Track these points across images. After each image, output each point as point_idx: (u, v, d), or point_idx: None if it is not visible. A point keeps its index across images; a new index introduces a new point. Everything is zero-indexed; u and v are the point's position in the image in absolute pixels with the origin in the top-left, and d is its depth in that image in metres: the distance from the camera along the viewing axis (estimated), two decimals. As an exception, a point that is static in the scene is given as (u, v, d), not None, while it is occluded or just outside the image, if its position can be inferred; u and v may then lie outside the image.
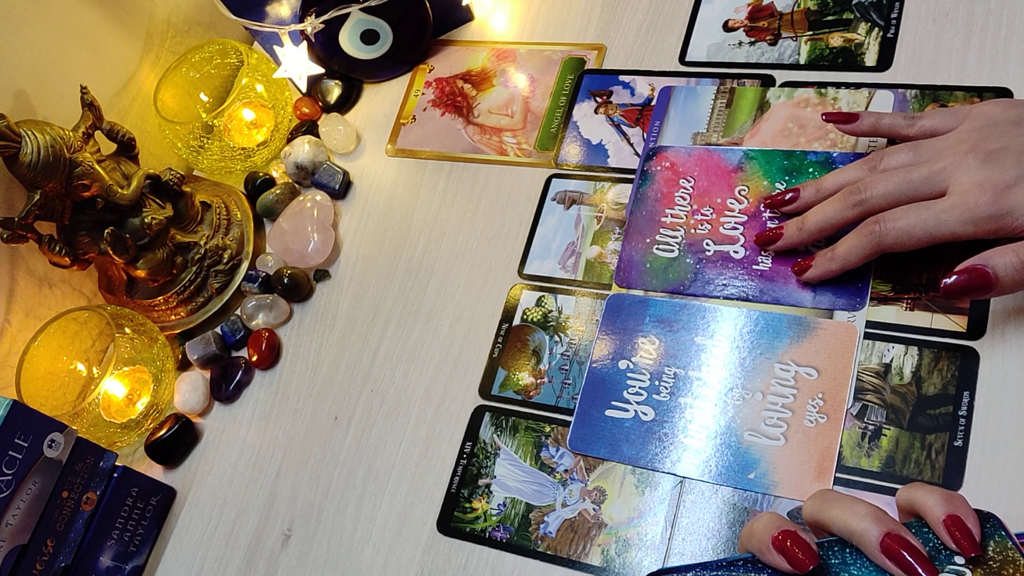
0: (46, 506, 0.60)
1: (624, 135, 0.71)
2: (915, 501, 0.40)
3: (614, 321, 0.63)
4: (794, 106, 0.66)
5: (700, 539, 0.55)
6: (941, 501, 0.39)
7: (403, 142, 0.78)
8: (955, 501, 0.39)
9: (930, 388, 0.55)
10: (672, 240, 0.65)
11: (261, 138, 0.80)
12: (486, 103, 0.77)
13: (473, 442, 0.63)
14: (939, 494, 0.40)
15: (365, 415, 0.67)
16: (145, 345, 0.70)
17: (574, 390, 0.62)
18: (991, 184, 0.51)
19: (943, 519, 0.39)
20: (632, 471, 0.58)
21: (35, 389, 0.69)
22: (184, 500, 0.69)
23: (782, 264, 0.61)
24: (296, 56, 0.76)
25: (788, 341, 0.59)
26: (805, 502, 0.42)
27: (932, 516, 0.39)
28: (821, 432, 0.55)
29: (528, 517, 0.59)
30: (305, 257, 0.74)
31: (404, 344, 0.69)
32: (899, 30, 0.66)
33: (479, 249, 0.71)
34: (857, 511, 0.39)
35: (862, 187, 0.55)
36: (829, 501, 0.41)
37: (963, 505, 0.39)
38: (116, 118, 0.77)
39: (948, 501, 0.39)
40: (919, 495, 0.40)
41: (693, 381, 0.60)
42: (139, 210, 0.71)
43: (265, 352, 0.71)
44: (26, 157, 0.63)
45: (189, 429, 0.71)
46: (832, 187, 0.58)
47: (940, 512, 0.39)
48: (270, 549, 0.65)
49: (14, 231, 0.66)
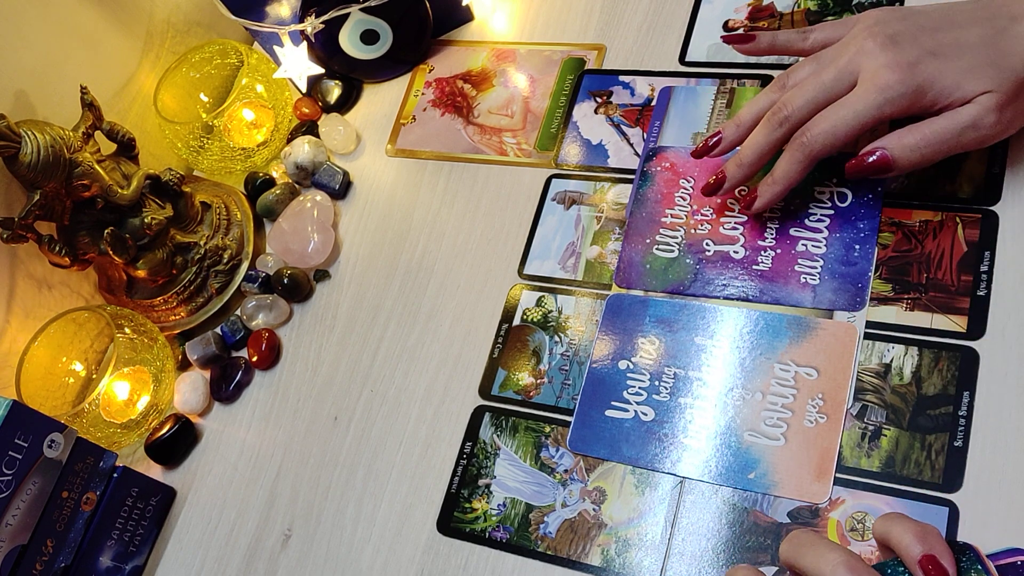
0: (46, 506, 0.60)
1: (624, 135, 0.71)
2: (890, 538, 0.41)
3: (614, 321, 0.63)
4: (794, 106, 0.66)
5: (700, 539, 0.55)
6: (916, 540, 0.40)
7: (403, 142, 0.78)
8: (929, 539, 0.40)
9: (930, 388, 0.55)
10: (672, 240, 0.65)
11: (261, 138, 0.80)
12: (486, 103, 0.77)
13: (473, 442, 0.63)
14: (913, 532, 0.40)
15: (365, 415, 0.67)
16: (145, 345, 0.70)
17: (574, 390, 0.62)
18: (897, 63, 0.53)
19: (919, 560, 0.39)
20: (632, 471, 0.58)
21: (35, 389, 0.69)
22: (184, 500, 0.69)
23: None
24: (296, 56, 0.76)
25: (788, 341, 0.59)
26: (782, 544, 0.43)
27: (908, 556, 0.40)
28: (821, 432, 0.55)
29: (528, 517, 0.59)
30: (305, 257, 0.74)
31: (404, 344, 0.69)
32: (899, 30, 0.66)
33: (479, 249, 0.71)
34: (830, 559, 0.40)
35: (781, 105, 0.57)
36: (803, 546, 0.41)
37: (938, 542, 0.40)
38: (116, 118, 0.77)
39: (923, 539, 0.40)
40: (894, 531, 0.41)
41: (693, 381, 0.60)
42: (139, 210, 0.71)
43: (265, 352, 0.71)
44: (26, 157, 0.63)
45: (189, 429, 0.71)
46: (750, 118, 0.59)
47: (915, 552, 0.39)
48: (270, 549, 0.65)
49: (14, 231, 0.66)
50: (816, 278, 0.60)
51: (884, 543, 0.42)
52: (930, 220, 0.59)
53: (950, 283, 0.57)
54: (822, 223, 0.61)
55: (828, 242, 0.61)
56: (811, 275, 0.60)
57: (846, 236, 0.60)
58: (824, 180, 0.63)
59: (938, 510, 0.51)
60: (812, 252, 0.61)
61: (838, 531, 0.53)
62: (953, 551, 0.40)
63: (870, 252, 0.59)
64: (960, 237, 0.58)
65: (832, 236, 0.61)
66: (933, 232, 0.59)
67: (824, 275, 0.60)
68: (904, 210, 0.60)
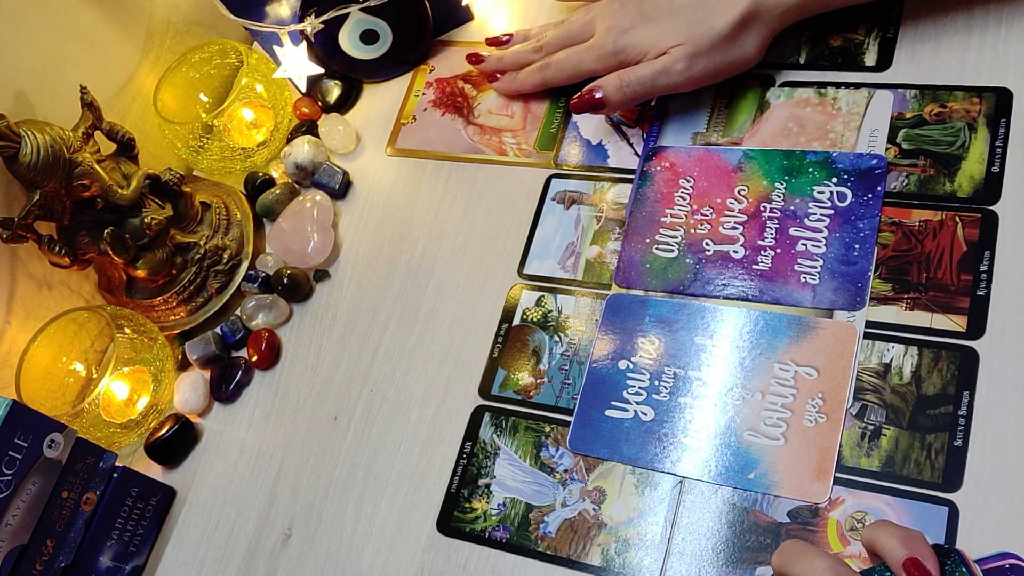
0: (46, 506, 0.60)
1: (624, 135, 0.71)
2: (876, 543, 0.42)
3: (614, 321, 0.63)
4: (794, 106, 0.67)
5: (700, 539, 0.55)
6: (900, 544, 0.41)
7: (403, 142, 0.78)
8: (913, 542, 0.41)
9: (930, 388, 0.55)
10: (672, 240, 0.65)
11: (261, 138, 0.80)
12: (486, 103, 0.77)
13: (473, 442, 0.63)
14: (898, 537, 0.41)
15: (365, 415, 0.67)
16: (145, 345, 0.70)
17: (574, 390, 0.62)
18: (615, 27, 0.67)
19: (902, 562, 0.40)
20: (632, 471, 0.58)
21: (35, 389, 0.69)
22: (184, 500, 0.69)
23: (779, 264, 0.61)
24: (296, 56, 0.76)
25: (788, 341, 0.59)
26: (773, 555, 0.44)
27: (892, 559, 0.41)
28: (821, 432, 0.55)
29: (528, 517, 0.59)
30: (305, 257, 0.74)
31: (404, 344, 0.69)
32: (899, 30, 0.66)
33: (479, 249, 0.71)
34: (816, 566, 0.41)
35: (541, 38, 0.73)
36: (793, 556, 0.43)
37: (922, 546, 0.41)
38: (116, 118, 0.77)
39: (907, 543, 0.41)
40: (880, 537, 0.42)
41: (693, 381, 0.60)
42: (139, 210, 0.71)
43: (265, 352, 0.71)
44: (26, 157, 0.63)
45: (189, 429, 0.71)
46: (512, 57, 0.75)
47: (899, 555, 0.41)
48: (270, 549, 0.65)
49: (14, 231, 0.66)
50: (816, 278, 0.60)
51: (871, 549, 0.43)
52: (930, 220, 0.59)
53: (950, 283, 0.57)
54: (822, 223, 0.61)
55: (828, 242, 0.61)
56: (811, 275, 0.60)
57: (846, 236, 0.60)
58: (824, 180, 0.63)
59: (938, 510, 0.51)
60: (812, 252, 0.61)
61: (838, 531, 0.53)
62: (938, 554, 0.41)
63: (870, 252, 0.59)
64: (960, 237, 0.58)
65: (832, 236, 0.61)
66: (933, 232, 0.59)
67: (824, 275, 0.60)
68: (904, 210, 0.60)
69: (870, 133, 0.63)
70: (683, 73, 0.64)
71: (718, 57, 0.64)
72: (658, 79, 0.65)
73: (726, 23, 0.63)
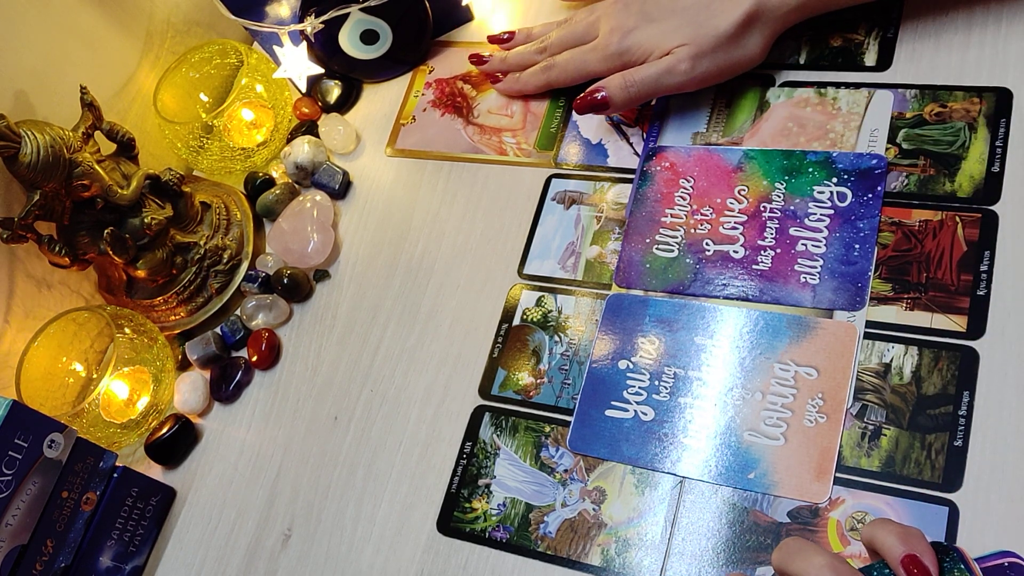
0: (46, 506, 0.60)
1: (624, 135, 0.71)
2: (875, 541, 0.42)
3: (614, 321, 0.63)
4: (794, 106, 0.67)
5: (700, 539, 0.55)
6: (899, 541, 0.41)
7: (403, 142, 0.78)
8: (912, 539, 0.41)
9: (930, 388, 0.55)
10: (672, 240, 0.65)
11: (261, 138, 0.80)
12: (486, 103, 0.77)
13: (473, 442, 0.63)
14: (896, 534, 0.41)
15: (365, 415, 0.67)
16: (145, 345, 0.70)
17: (574, 390, 0.62)
18: (619, 28, 0.67)
19: (901, 559, 0.41)
20: (632, 471, 0.58)
21: (35, 389, 0.69)
22: (184, 500, 0.69)
23: (779, 264, 0.61)
24: (296, 56, 0.76)
25: (788, 341, 0.59)
26: (773, 552, 0.44)
27: (891, 556, 0.41)
28: (821, 432, 0.55)
29: (528, 517, 0.59)
30: (305, 257, 0.74)
31: (404, 344, 0.69)
32: (899, 30, 0.66)
33: (479, 249, 0.71)
34: (815, 563, 0.41)
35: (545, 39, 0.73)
36: (792, 553, 0.43)
37: (920, 543, 0.41)
38: (116, 118, 0.77)
39: (905, 540, 0.41)
40: (879, 535, 0.42)
41: (693, 381, 0.60)
42: (139, 210, 0.71)
43: (265, 352, 0.71)
44: (26, 157, 0.63)
45: (189, 429, 0.71)
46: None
47: (898, 552, 0.41)
48: (270, 549, 0.65)
49: (14, 231, 0.66)
50: (816, 278, 0.60)
51: (871, 547, 0.43)
52: (930, 220, 0.59)
53: (950, 283, 0.57)
54: (822, 223, 0.61)
55: (828, 242, 0.61)
56: (811, 275, 0.60)
57: (846, 236, 0.60)
58: (824, 180, 0.63)
59: (938, 510, 0.51)
60: (812, 252, 0.61)
61: (838, 531, 0.53)
62: (937, 552, 0.41)
63: (870, 252, 0.59)
64: (960, 237, 0.58)
65: (832, 236, 0.61)
66: (933, 232, 0.59)
67: (824, 275, 0.60)
68: (904, 210, 0.60)
69: (870, 133, 0.63)
70: (687, 73, 0.65)
71: (722, 57, 0.65)
72: (662, 79, 0.65)
73: (729, 23, 0.63)
